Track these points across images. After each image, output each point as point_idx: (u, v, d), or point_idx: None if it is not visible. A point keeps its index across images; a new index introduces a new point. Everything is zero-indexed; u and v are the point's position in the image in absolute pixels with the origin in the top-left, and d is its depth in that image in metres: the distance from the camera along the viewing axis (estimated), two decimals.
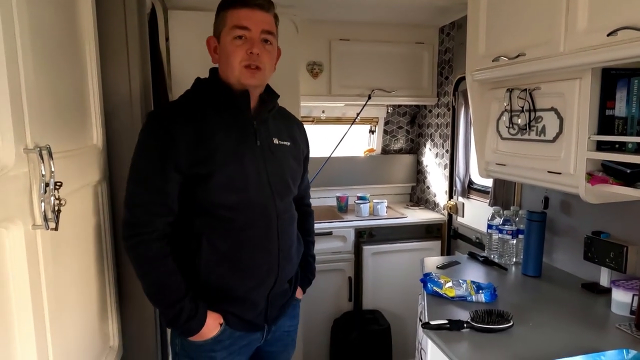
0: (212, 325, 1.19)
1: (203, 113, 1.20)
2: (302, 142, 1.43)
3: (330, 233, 2.60)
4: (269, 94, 1.32)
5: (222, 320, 1.22)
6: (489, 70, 1.67)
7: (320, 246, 2.55)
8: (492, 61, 1.63)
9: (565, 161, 1.39)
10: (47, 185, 0.81)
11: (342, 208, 2.94)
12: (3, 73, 0.72)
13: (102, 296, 1.25)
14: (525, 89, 1.53)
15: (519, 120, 1.58)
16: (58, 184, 0.84)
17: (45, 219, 0.80)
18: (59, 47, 1.01)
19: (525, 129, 1.56)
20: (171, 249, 1.17)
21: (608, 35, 1.14)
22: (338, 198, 2.96)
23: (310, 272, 1.52)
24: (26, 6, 0.81)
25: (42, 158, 0.78)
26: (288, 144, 1.34)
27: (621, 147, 1.25)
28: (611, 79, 1.28)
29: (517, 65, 1.52)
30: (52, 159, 0.81)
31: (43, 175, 0.79)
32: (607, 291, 1.50)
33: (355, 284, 2.68)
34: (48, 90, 0.91)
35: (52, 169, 0.81)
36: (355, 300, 2.70)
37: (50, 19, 0.96)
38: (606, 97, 1.30)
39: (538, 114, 1.51)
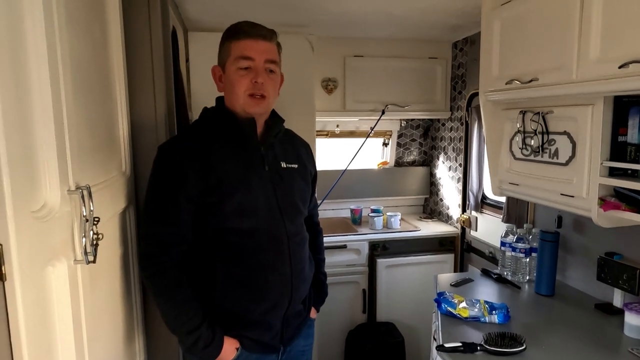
0: (229, 350, 1.23)
1: (211, 142, 1.24)
2: (309, 163, 1.45)
3: (344, 246, 2.65)
4: (274, 119, 1.35)
5: (238, 345, 1.25)
6: (502, 92, 1.70)
7: (335, 259, 2.61)
8: (505, 84, 1.66)
9: (578, 185, 1.41)
10: (86, 220, 0.87)
11: (356, 220, 2.98)
12: (50, 119, 0.78)
13: (130, 316, 1.31)
14: (539, 112, 1.56)
15: (532, 142, 1.60)
16: (96, 219, 0.90)
17: (85, 253, 0.86)
18: (93, 82, 1.07)
19: (538, 151, 1.59)
20: (187, 277, 1.21)
21: (620, 67, 1.17)
22: (352, 210, 3.01)
23: (323, 292, 1.55)
24: (68, 46, 0.86)
25: (83, 199, 0.84)
26: (296, 166, 1.37)
27: (634, 174, 1.28)
28: (623, 106, 1.31)
29: (530, 89, 1.54)
30: (92, 198, 0.87)
31: (84, 215, 0.85)
32: (621, 312, 1.51)
33: (370, 296, 2.72)
34: (85, 126, 0.97)
35: (92, 208, 0.87)
36: (370, 312, 2.73)
37: (87, 56, 1.02)
38: (618, 124, 1.32)
39: (551, 136, 1.54)
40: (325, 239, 2.64)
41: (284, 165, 1.33)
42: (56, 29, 0.81)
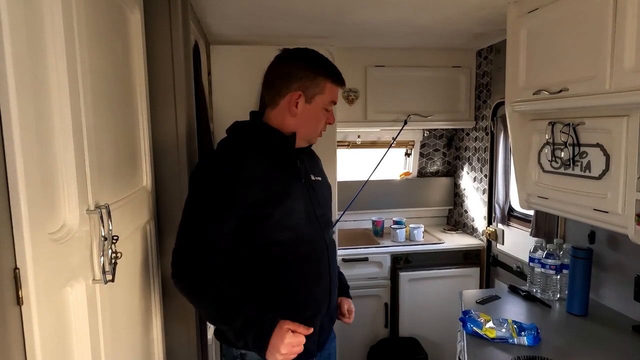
0: (279, 335, 1.14)
1: (255, 157, 1.25)
2: (326, 176, 1.51)
3: (366, 259, 2.60)
4: None
5: (299, 329, 1.18)
6: (529, 103, 1.65)
7: (356, 272, 2.57)
8: (533, 94, 1.60)
9: (613, 200, 1.34)
10: (105, 239, 0.87)
11: (378, 232, 2.93)
12: (69, 139, 0.78)
13: (149, 333, 1.31)
14: (569, 124, 1.50)
15: (562, 154, 1.54)
16: (115, 237, 0.90)
17: (104, 272, 0.86)
18: (114, 98, 1.07)
19: (569, 164, 1.52)
20: (224, 276, 1.21)
21: None
22: (374, 222, 2.96)
23: (346, 284, 1.54)
24: (89, 63, 0.87)
25: (101, 218, 0.84)
26: (320, 178, 1.42)
27: None
28: None
29: (559, 100, 1.49)
30: (110, 217, 0.87)
31: (103, 235, 0.85)
32: None
33: (392, 310, 2.66)
34: (105, 143, 0.98)
35: (110, 227, 0.87)
36: (392, 327, 2.67)
37: (108, 72, 1.03)
38: None
39: (582, 149, 1.47)
40: (346, 251, 2.62)
41: (312, 177, 1.38)
42: (77, 46, 0.81)
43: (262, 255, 1.24)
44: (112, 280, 0.88)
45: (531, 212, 2.20)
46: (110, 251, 0.88)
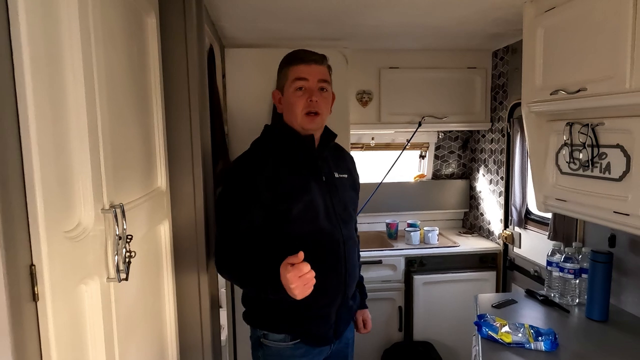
0: (283, 275, 1.21)
1: (276, 156, 1.39)
2: (355, 173, 1.61)
3: (380, 262, 2.59)
4: (327, 133, 1.50)
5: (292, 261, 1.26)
6: (546, 103, 1.62)
7: (370, 274, 2.55)
8: (550, 94, 1.57)
9: (634, 203, 1.30)
10: (119, 238, 0.88)
11: (392, 235, 2.91)
12: (85, 139, 0.80)
13: (163, 331, 1.32)
14: (587, 124, 1.46)
15: (581, 156, 1.51)
16: (129, 237, 0.91)
17: (118, 270, 0.87)
18: (130, 100, 1.09)
19: (588, 166, 1.48)
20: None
21: None
22: (388, 225, 2.94)
23: (364, 293, 1.68)
24: (105, 64, 0.88)
25: (116, 217, 0.86)
26: (346, 176, 1.52)
27: None
28: None
29: (577, 100, 1.45)
30: (125, 217, 0.88)
31: (117, 234, 0.86)
32: None
33: (406, 313, 2.64)
34: (121, 144, 0.99)
35: (125, 226, 0.88)
36: (406, 331, 2.64)
37: (124, 74, 1.04)
38: None
39: (602, 150, 1.44)
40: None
41: (336, 175, 1.48)
42: (93, 48, 0.83)
43: (285, 247, 1.30)
44: (126, 279, 0.89)
45: (549, 215, 2.16)
46: (124, 250, 0.89)
